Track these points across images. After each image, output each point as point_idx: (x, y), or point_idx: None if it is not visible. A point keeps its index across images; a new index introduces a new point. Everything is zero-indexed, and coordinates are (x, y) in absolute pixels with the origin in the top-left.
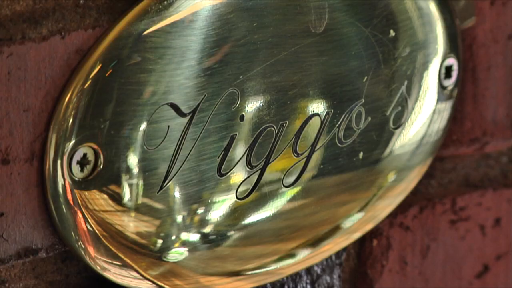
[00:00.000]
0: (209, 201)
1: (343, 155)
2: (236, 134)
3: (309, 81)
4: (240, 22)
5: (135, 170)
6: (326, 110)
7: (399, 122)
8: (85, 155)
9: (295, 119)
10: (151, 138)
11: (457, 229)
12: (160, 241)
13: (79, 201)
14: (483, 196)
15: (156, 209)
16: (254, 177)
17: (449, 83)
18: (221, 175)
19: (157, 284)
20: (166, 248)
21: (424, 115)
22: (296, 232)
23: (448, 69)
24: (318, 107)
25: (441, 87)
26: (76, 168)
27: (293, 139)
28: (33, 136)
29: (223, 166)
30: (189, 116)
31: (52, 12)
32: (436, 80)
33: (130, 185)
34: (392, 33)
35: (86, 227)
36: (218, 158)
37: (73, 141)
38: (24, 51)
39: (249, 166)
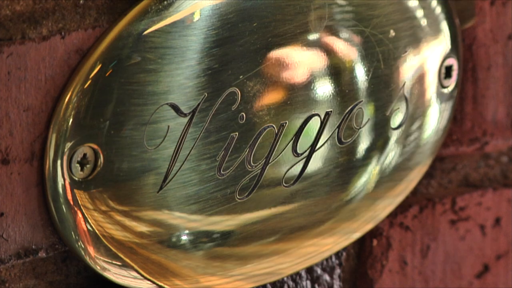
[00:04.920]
0: (209, 201)
1: (343, 155)
2: (236, 134)
3: (309, 81)
4: (240, 22)
5: (135, 170)
6: (326, 110)
7: (399, 122)
8: (85, 155)
9: (295, 119)
10: (151, 138)
11: (457, 229)
12: (160, 241)
13: (79, 201)
14: (483, 196)
15: (156, 209)
16: (254, 177)
17: (449, 83)
18: (221, 175)
19: (157, 284)
20: (166, 248)
21: (424, 115)
22: (296, 232)
23: (448, 69)
24: (318, 107)
25: (441, 87)
26: (76, 168)
27: (293, 139)
28: (33, 136)
29: (223, 166)
30: (189, 116)
31: (52, 12)
32: (436, 80)
33: (130, 185)
34: (392, 33)
35: (86, 227)
36: (218, 158)
37: (73, 141)
38: (24, 51)
39: (249, 166)
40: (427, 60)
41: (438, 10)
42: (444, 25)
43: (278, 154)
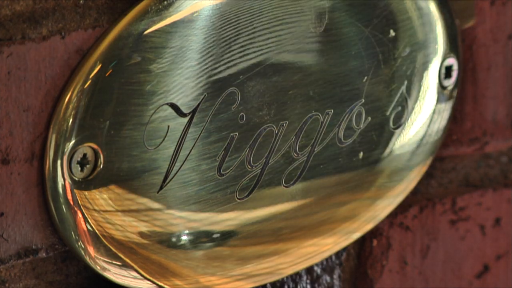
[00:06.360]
0: (209, 201)
1: (343, 155)
2: (236, 134)
3: (309, 81)
4: (240, 22)
5: (135, 170)
6: (326, 110)
7: (399, 122)
8: (85, 155)
9: (295, 119)
10: (151, 138)
11: (457, 229)
12: (160, 241)
13: (79, 201)
14: (483, 196)
15: (156, 209)
16: (254, 177)
17: (449, 83)
18: (221, 175)
19: (157, 284)
20: (166, 248)
21: (424, 115)
22: (296, 232)
23: (448, 69)
24: (318, 107)
25: (441, 87)
26: (76, 168)
27: (293, 139)
28: (33, 136)
29: (223, 166)
30: (189, 116)
31: (52, 12)
32: (436, 80)
33: (130, 185)
34: (392, 33)
35: (86, 227)
36: (218, 158)
37: (73, 141)
38: (24, 51)
39: (249, 166)
40: (427, 60)
41: (438, 10)
42: (444, 25)
43: (278, 154)
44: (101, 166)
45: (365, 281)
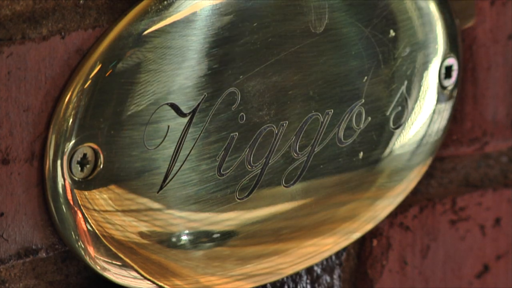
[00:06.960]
0: (209, 201)
1: (343, 155)
2: (236, 134)
3: (309, 81)
4: (240, 22)
5: (135, 170)
6: (326, 110)
7: (399, 122)
8: (85, 155)
9: (295, 119)
10: (151, 138)
11: (457, 229)
12: (160, 241)
13: (79, 201)
14: (483, 196)
15: (156, 209)
16: (254, 177)
17: (449, 83)
18: (221, 175)
19: (157, 284)
20: (166, 248)
21: (424, 115)
22: (296, 232)
23: (448, 69)
24: (318, 107)
25: (441, 87)
26: (76, 168)
27: (293, 139)
28: (33, 136)
29: (223, 166)
30: (189, 116)
31: (52, 12)
32: (436, 80)
33: (130, 185)
34: (392, 33)
35: (86, 227)
36: (218, 158)
37: (73, 141)
38: (24, 51)
39: (249, 166)
40: (427, 60)
41: (438, 10)
42: (444, 25)
43: (278, 154)
44: (101, 166)
45: (365, 281)
